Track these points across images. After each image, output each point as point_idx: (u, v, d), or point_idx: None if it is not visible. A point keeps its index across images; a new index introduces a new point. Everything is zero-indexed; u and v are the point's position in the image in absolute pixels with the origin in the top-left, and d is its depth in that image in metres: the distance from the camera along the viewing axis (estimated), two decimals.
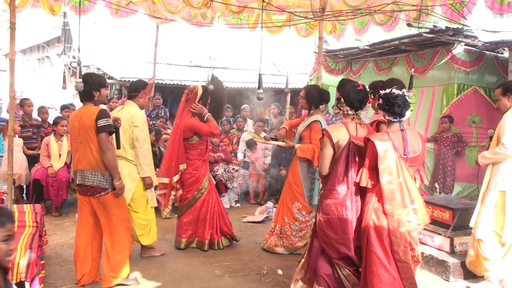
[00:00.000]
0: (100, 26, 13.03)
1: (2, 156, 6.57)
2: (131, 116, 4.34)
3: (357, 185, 3.26)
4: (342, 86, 3.63)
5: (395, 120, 3.18)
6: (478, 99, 7.08)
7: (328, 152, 3.34)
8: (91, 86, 3.81)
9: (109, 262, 3.86)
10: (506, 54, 7.08)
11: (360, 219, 3.24)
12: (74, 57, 13.73)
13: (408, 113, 3.20)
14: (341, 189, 3.28)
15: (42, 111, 7.43)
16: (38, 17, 17.60)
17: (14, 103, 5.03)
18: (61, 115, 7.49)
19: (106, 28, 13.32)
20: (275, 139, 5.10)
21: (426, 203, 4.70)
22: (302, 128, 4.82)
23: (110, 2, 5.93)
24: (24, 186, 6.47)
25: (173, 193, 4.94)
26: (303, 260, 3.69)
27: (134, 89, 4.54)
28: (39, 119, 7.25)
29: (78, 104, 13.81)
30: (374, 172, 3.15)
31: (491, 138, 4.36)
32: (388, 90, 3.19)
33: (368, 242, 3.11)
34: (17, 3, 5.16)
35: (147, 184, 4.45)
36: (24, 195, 6.50)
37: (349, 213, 3.26)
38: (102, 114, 3.71)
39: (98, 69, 12.84)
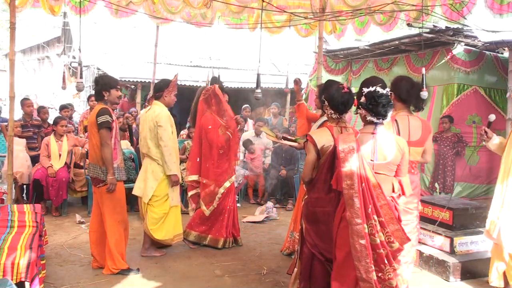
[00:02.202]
0: (100, 26, 13.04)
1: (4, 156, 6.58)
2: (156, 115, 4.51)
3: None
4: (327, 88, 3.36)
5: (377, 121, 2.92)
6: (478, 99, 7.08)
7: (311, 157, 3.17)
8: (101, 86, 4.14)
9: (107, 251, 4.16)
10: (506, 54, 7.08)
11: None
12: (74, 57, 13.74)
13: (390, 115, 2.96)
14: (326, 196, 3.12)
15: (43, 111, 7.44)
16: (38, 17, 17.63)
17: (13, 103, 5.03)
18: (61, 115, 7.49)
19: (106, 28, 13.33)
20: (288, 139, 5.08)
21: (426, 203, 4.77)
22: (314, 127, 4.79)
23: (110, 2, 5.94)
24: (24, 186, 6.47)
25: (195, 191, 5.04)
26: (295, 269, 3.52)
27: (158, 89, 4.71)
28: (39, 119, 7.26)
29: (77, 104, 13.86)
30: None
31: (489, 124, 4.09)
32: (372, 88, 2.93)
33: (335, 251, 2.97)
34: (17, 3, 5.16)
35: (173, 181, 4.61)
36: (24, 195, 6.50)
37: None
38: (102, 112, 4.03)
39: (98, 69, 12.85)
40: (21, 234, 3.49)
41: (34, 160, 6.61)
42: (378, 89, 2.92)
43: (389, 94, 2.96)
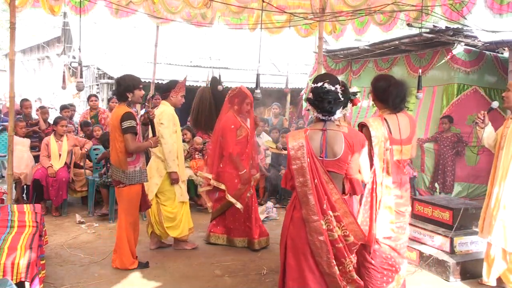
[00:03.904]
0: (100, 26, 13.05)
1: (5, 156, 6.58)
2: (159, 114, 4.60)
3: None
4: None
5: (324, 118, 2.87)
6: (478, 99, 7.08)
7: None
8: (125, 88, 4.12)
9: (117, 248, 4.29)
10: (506, 54, 7.09)
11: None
12: (74, 57, 13.75)
13: (339, 112, 2.89)
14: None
15: (43, 111, 7.45)
16: (38, 17, 17.64)
17: (13, 103, 5.03)
18: (61, 115, 7.50)
19: (106, 28, 13.34)
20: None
21: (426, 203, 4.77)
22: None
23: (110, 2, 5.94)
24: (24, 186, 6.48)
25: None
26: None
27: (165, 89, 4.79)
28: (37, 117, 7.31)
29: (77, 104, 13.86)
30: None
31: (490, 109, 4.09)
32: (319, 84, 2.86)
33: (285, 252, 2.95)
34: (17, 3, 5.16)
35: (172, 179, 4.67)
36: (24, 195, 6.50)
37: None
38: (126, 117, 4.03)
39: (98, 69, 12.86)
40: (21, 234, 3.49)
41: (34, 159, 6.64)
42: (326, 85, 2.85)
43: (338, 91, 2.85)
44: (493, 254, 3.92)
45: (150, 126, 4.30)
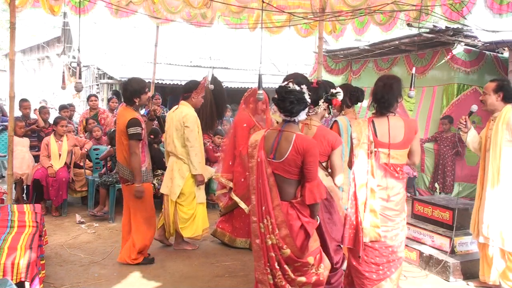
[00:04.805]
0: (100, 26, 13.05)
1: (5, 156, 6.59)
2: (183, 116, 4.59)
3: None
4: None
5: (285, 118, 2.78)
6: (478, 99, 7.05)
7: None
8: (131, 93, 4.20)
9: (131, 245, 4.31)
10: (506, 54, 7.09)
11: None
12: (74, 57, 13.75)
13: (303, 114, 2.79)
14: None
15: (43, 111, 7.46)
16: (38, 17, 17.64)
17: (13, 103, 5.03)
18: (60, 115, 7.50)
19: (106, 28, 13.34)
20: None
21: (426, 203, 4.77)
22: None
23: (110, 2, 5.94)
24: (24, 186, 6.48)
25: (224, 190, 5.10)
26: None
27: (186, 90, 4.77)
28: (36, 117, 7.32)
29: (77, 104, 13.86)
30: None
31: (470, 113, 4.10)
32: (284, 83, 2.80)
33: None
34: (17, 3, 5.16)
35: (198, 181, 4.70)
36: (24, 195, 6.50)
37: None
38: (132, 123, 4.11)
39: (98, 69, 12.86)
40: (21, 234, 3.48)
41: (34, 159, 6.64)
42: (290, 84, 2.76)
43: (304, 91, 2.75)
44: (491, 253, 3.92)
45: (158, 123, 4.38)
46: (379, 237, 3.13)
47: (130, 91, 4.20)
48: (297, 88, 2.74)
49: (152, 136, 6.05)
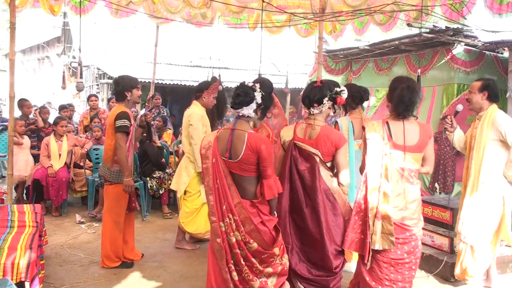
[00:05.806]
0: (100, 26, 13.04)
1: (5, 156, 6.59)
2: (189, 115, 4.66)
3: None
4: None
5: (236, 112, 2.86)
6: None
7: (280, 152, 3.24)
8: (123, 87, 4.23)
9: (103, 247, 4.32)
10: (506, 54, 7.08)
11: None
12: (74, 57, 13.75)
13: (249, 109, 2.81)
14: (284, 192, 3.05)
15: (44, 111, 7.46)
16: (38, 17, 17.64)
17: (13, 103, 5.02)
18: (60, 115, 7.50)
19: (106, 28, 13.33)
20: None
21: (426, 203, 4.77)
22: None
23: (110, 2, 5.94)
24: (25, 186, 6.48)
25: None
26: None
27: (198, 90, 4.84)
28: (35, 117, 7.33)
29: (77, 104, 13.86)
30: None
31: (455, 113, 4.13)
32: (242, 80, 2.93)
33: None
34: (17, 3, 5.16)
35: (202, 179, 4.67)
36: (24, 195, 6.50)
37: (288, 220, 3.08)
38: (120, 116, 4.12)
39: (98, 69, 12.85)
40: (21, 234, 3.49)
41: (34, 159, 6.64)
42: (245, 81, 2.88)
43: (255, 88, 2.81)
44: (461, 248, 3.90)
45: (147, 129, 4.38)
46: (393, 245, 2.99)
47: (122, 85, 4.24)
48: (250, 84, 2.85)
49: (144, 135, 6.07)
